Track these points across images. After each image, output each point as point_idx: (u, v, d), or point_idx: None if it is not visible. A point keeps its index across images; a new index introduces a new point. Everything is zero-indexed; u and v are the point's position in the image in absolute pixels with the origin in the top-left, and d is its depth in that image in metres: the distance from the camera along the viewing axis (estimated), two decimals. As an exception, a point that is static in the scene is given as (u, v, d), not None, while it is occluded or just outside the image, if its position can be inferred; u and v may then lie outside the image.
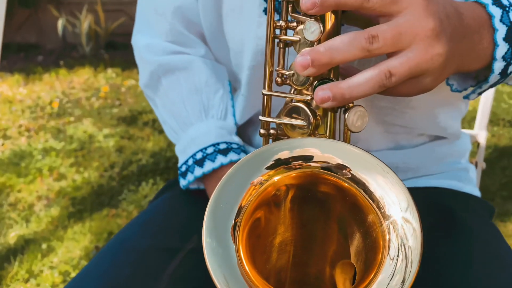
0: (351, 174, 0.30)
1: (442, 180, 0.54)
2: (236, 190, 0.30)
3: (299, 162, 0.32)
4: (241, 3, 0.48)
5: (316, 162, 0.31)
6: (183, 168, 0.56)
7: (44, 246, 1.54)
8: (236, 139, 0.55)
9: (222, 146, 0.53)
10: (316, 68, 0.33)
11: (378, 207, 0.29)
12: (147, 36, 0.59)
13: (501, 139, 2.21)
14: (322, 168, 0.31)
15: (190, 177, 0.55)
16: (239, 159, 0.52)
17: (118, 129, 2.38)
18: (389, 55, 0.34)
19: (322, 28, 0.33)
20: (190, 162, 0.54)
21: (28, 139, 2.35)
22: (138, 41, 0.60)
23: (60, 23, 3.59)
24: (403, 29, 0.33)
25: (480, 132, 1.05)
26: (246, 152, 0.55)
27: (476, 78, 0.42)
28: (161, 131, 2.36)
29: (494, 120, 2.42)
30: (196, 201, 0.56)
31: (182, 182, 0.56)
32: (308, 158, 0.33)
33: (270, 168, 0.32)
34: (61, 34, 3.74)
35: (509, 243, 1.46)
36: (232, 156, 0.53)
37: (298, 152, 0.33)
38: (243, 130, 0.58)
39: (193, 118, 0.55)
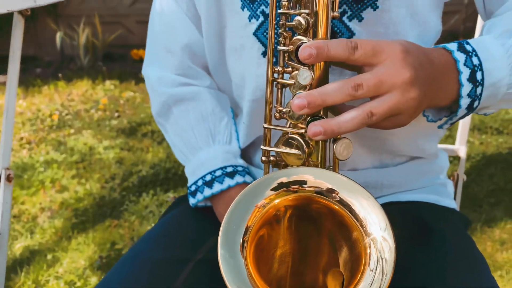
0: (339, 197, 0.36)
1: (422, 194, 0.60)
2: (243, 212, 0.36)
3: (296, 186, 0.39)
4: (242, 44, 0.55)
5: (309, 186, 0.38)
6: (193, 188, 0.62)
7: (49, 256, 1.59)
8: (241, 162, 0.62)
9: (229, 169, 0.60)
10: (311, 109, 0.39)
11: (361, 225, 0.35)
12: (158, 69, 0.65)
13: (489, 147, 2.28)
14: (315, 192, 0.37)
15: (199, 196, 0.61)
16: (244, 181, 0.59)
17: (118, 140, 2.44)
18: (372, 98, 0.41)
19: (313, 75, 0.40)
20: (200, 183, 0.61)
21: (30, 151, 2.40)
22: (150, 73, 0.67)
23: (58, 36, 3.65)
24: (383, 77, 0.40)
25: (461, 147, 1.13)
26: (250, 174, 0.61)
27: (449, 110, 0.49)
28: (160, 142, 2.42)
29: (482, 128, 2.50)
30: (204, 217, 0.63)
31: (192, 201, 0.62)
32: (302, 183, 0.39)
33: (273, 190, 0.38)
34: (59, 47, 3.79)
35: (496, 247, 1.53)
36: (238, 178, 0.59)
37: (294, 178, 0.39)
38: (244, 151, 0.65)
39: (201, 143, 0.62)
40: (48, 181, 2.08)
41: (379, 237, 0.34)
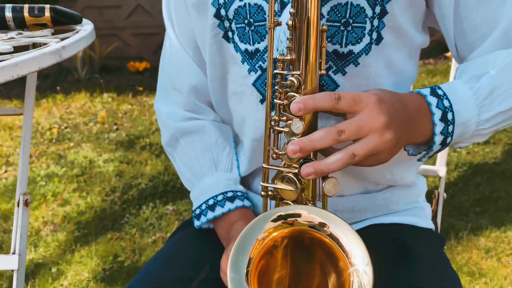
0: (330, 231, 0.44)
1: (402, 217, 0.68)
2: (247, 245, 0.43)
3: (292, 219, 0.46)
4: (242, 91, 0.62)
5: (304, 221, 0.45)
6: (197, 211, 0.69)
7: (53, 269, 1.65)
8: (240, 187, 0.69)
9: (229, 194, 0.67)
10: (303, 153, 0.46)
11: (347, 256, 0.42)
12: (167, 105, 0.73)
13: (476, 157, 2.37)
14: (309, 226, 0.44)
15: (203, 219, 0.68)
16: (243, 205, 0.66)
17: (117, 154, 2.50)
18: (354, 140, 0.48)
19: (304, 124, 0.47)
20: (204, 207, 0.68)
21: (30, 165, 2.45)
22: (160, 108, 0.74)
23: (55, 49, 3.72)
24: (362, 124, 0.47)
25: (441, 168, 1.21)
26: (248, 198, 0.68)
27: (426, 145, 0.56)
28: (158, 155, 2.48)
29: (470, 138, 2.59)
30: (207, 238, 0.70)
31: (196, 223, 0.69)
32: (297, 216, 0.46)
33: (272, 222, 0.46)
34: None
35: (482, 255, 1.61)
36: (237, 202, 0.66)
37: (290, 212, 0.46)
38: (244, 178, 0.72)
39: (205, 171, 0.69)
40: (50, 194, 2.14)
41: (361, 269, 0.41)
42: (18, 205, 0.86)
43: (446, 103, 0.53)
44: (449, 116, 0.52)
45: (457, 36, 0.60)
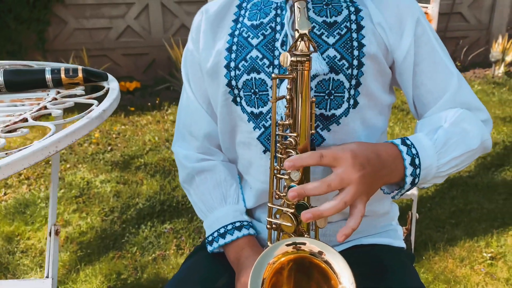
0: (325, 258, 0.57)
1: (379, 238, 0.82)
2: (261, 269, 0.56)
3: (298, 246, 0.59)
4: (249, 142, 0.76)
5: (306, 248, 0.59)
6: (210, 238, 0.82)
7: (61, 289, 1.74)
8: (246, 217, 0.82)
9: (237, 224, 0.80)
10: (299, 198, 0.60)
11: (337, 277, 0.55)
12: (184, 149, 0.86)
13: (452, 171, 2.54)
14: (310, 253, 0.58)
15: (215, 245, 0.81)
16: (249, 233, 0.80)
17: (113, 174, 2.60)
18: (340, 190, 0.61)
19: (300, 174, 0.61)
20: (215, 234, 0.81)
21: (29, 187, 2.54)
22: (178, 151, 0.87)
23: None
24: (343, 175, 0.60)
25: (413, 192, 1.36)
26: (252, 227, 0.82)
27: (398, 185, 0.70)
28: (153, 175, 2.59)
29: (445, 153, 2.77)
30: (218, 261, 0.82)
31: (209, 248, 0.82)
32: (303, 244, 0.60)
33: (279, 252, 0.59)
34: (49, 82, 3.93)
35: (457, 264, 1.77)
36: (244, 231, 0.79)
37: (297, 241, 0.60)
38: (249, 209, 0.85)
39: (216, 204, 0.82)
40: (51, 216, 2.23)
41: (348, 286, 0.55)
42: (50, 235, 0.98)
43: (413, 151, 0.67)
44: (417, 161, 0.67)
45: (415, 98, 0.75)
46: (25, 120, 0.67)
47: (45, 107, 0.73)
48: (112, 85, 0.83)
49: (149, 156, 2.82)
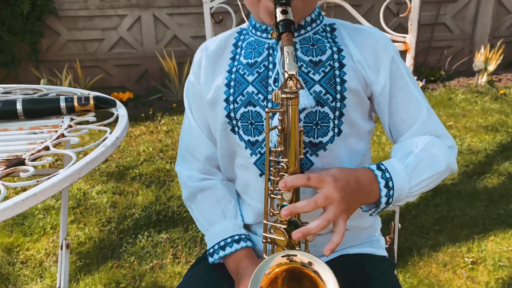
0: (314, 268, 0.66)
1: (363, 248, 0.91)
2: (258, 279, 0.65)
3: (289, 257, 0.68)
4: (246, 166, 0.85)
5: (297, 259, 0.67)
6: (211, 250, 0.90)
7: (61, 298, 1.81)
8: (244, 231, 0.90)
9: (236, 237, 0.88)
10: (291, 216, 0.69)
11: (325, 285, 0.64)
12: (187, 169, 0.95)
13: (436, 179, 2.65)
14: (301, 264, 0.66)
15: (216, 256, 0.89)
16: (246, 245, 0.88)
17: (109, 185, 2.67)
18: (324, 208, 0.70)
19: (291, 194, 0.70)
20: (216, 247, 0.89)
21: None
22: (181, 171, 0.96)
23: (42, 82, 3.85)
24: (327, 195, 0.69)
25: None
26: (249, 239, 0.90)
27: (375, 204, 0.79)
28: (148, 186, 2.66)
29: (430, 161, 2.88)
30: (218, 272, 0.90)
31: (210, 259, 0.91)
32: (293, 255, 0.68)
33: (274, 263, 0.68)
34: (43, 93, 3.98)
35: (440, 268, 1.88)
36: (242, 243, 0.88)
37: (290, 253, 0.69)
38: (247, 224, 0.94)
39: (216, 219, 0.91)
40: (49, 227, 2.29)
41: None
42: (61, 248, 1.05)
43: (387, 174, 0.77)
44: (390, 184, 0.76)
45: (391, 125, 0.85)
46: (47, 148, 0.75)
47: (63, 135, 0.81)
48: (121, 112, 0.92)
49: (143, 167, 2.89)
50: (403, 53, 1.17)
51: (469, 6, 5.12)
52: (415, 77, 4.16)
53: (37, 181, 0.62)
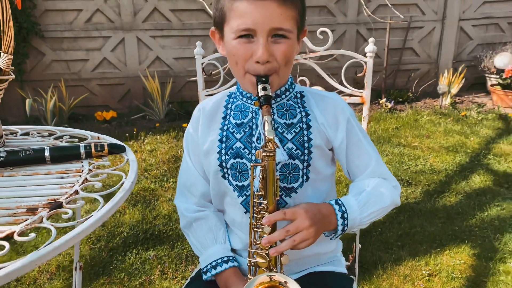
0: (289, 285, 0.86)
1: (327, 267, 1.12)
2: None
3: (271, 277, 0.89)
4: (234, 204, 1.06)
5: (275, 279, 0.88)
6: (204, 269, 1.10)
7: (57, 313, 1.95)
8: (231, 253, 1.10)
9: (225, 258, 1.08)
10: (270, 244, 0.90)
11: None
12: (184, 203, 1.14)
13: (400, 197, 2.90)
14: (279, 283, 0.87)
15: (209, 274, 1.09)
16: (233, 265, 1.08)
17: (97, 204, 2.81)
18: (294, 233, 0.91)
19: (270, 228, 0.91)
20: (209, 266, 1.09)
21: (17, 218, 2.71)
22: (179, 204, 1.15)
23: (27, 102, 3.96)
24: (298, 225, 0.90)
25: None
26: (236, 260, 1.10)
27: (334, 231, 1.01)
28: (134, 205, 2.82)
29: (396, 181, 3.14)
30: (211, 287, 1.11)
31: (204, 276, 1.10)
32: (272, 275, 0.89)
33: (258, 282, 0.88)
34: (29, 114, 4.08)
35: (401, 281, 2.13)
36: (230, 263, 1.08)
37: (269, 274, 0.89)
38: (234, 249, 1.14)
39: (209, 244, 1.10)
40: (41, 246, 2.42)
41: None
42: (75, 269, 1.22)
43: (343, 208, 0.98)
44: (345, 215, 0.98)
45: (348, 169, 1.07)
46: (77, 192, 0.94)
47: (87, 179, 1.00)
48: (131, 157, 1.11)
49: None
50: (360, 105, 1.41)
51: (434, 32, 5.50)
52: (385, 99, 4.45)
53: (77, 221, 0.80)
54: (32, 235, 0.81)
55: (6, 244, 0.78)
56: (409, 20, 5.22)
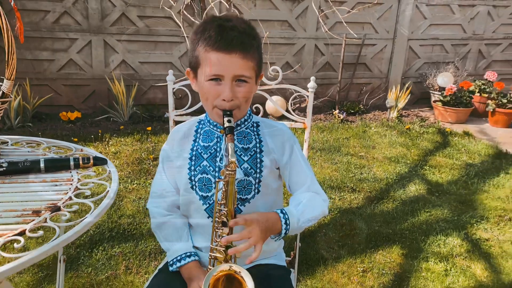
0: (241, 274, 1.12)
1: (269, 260, 1.38)
2: (209, 278, 1.10)
3: (228, 266, 1.14)
4: (199, 210, 1.29)
5: (231, 268, 1.13)
6: (171, 262, 1.33)
7: (28, 304, 2.11)
8: (193, 249, 1.34)
9: (188, 253, 1.32)
10: (227, 243, 1.15)
11: (246, 284, 1.10)
12: (155, 207, 1.36)
13: (344, 202, 3.24)
14: (234, 272, 1.13)
15: (174, 266, 1.33)
16: (195, 259, 1.34)
17: (64, 203, 2.96)
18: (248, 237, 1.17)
19: (228, 231, 1.16)
20: (174, 260, 1.33)
21: None
22: (151, 208, 1.37)
23: (-8, 101, 4.01)
24: (251, 230, 1.14)
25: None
26: (197, 255, 1.35)
27: (279, 234, 1.27)
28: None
29: (341, 187, 3.48)
30: (176, 277, 1.34)
31: (170, 268, 1.33)
32: (230, 266, 1.15)
33: (219, 270, 1.14)
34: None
35: (339, 276, 2.47)
36: (192, 258, 1.32)
37: (228, 266, 1.15)
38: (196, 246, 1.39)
39: (175, 241, 1.34)
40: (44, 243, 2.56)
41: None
42: (60, 262, 1.42)
43: (286, 216, 1.25)
44: (288, 221, 1.24)
45: (289, 184, 1.35)
46: (71, 198, 1.16)
47: (77, 188, 1.21)
48: (112, 168, 1.34)
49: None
50: (302, 130, 1.70)
51: (385, 50, 5.94)
52: (338, 110, 4.85)
53: (75, 222, 1.03)
54: (40, 232, 1.03)
55: (21, 238, 0.99)
56: (363, 37, 5.63)
